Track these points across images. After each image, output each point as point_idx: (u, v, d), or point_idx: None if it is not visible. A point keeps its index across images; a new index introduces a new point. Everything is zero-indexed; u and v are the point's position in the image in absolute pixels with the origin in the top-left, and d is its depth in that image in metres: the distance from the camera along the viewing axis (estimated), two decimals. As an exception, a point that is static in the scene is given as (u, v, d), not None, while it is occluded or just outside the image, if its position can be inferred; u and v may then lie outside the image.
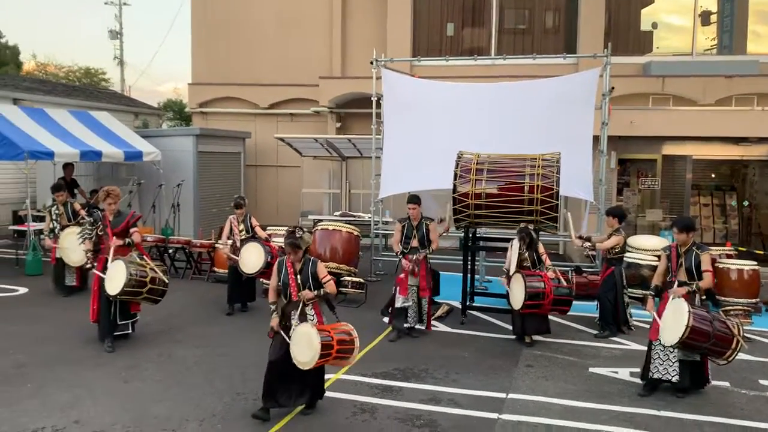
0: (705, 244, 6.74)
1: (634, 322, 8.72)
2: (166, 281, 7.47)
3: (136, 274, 7.11)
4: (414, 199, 8.29)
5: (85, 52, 63.68)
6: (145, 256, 7.61)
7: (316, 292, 5.53)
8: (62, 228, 9.87)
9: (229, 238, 9.31)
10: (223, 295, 9.35)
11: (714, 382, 6.49)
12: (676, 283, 6.36)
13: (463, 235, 9.18)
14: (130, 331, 7.66)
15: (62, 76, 34.94)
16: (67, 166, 13.11)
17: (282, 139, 15.42)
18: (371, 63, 11.97)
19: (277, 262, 5.76)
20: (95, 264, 7.54)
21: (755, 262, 9.69)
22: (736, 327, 6.09)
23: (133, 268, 7.12)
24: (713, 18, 16.59)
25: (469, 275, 9.26)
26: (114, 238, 7.36)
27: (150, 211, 14.32)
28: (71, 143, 12.62)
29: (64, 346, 7.41)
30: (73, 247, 9.40)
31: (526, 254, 8.00)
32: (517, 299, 7.73)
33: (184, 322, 8.59)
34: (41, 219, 11.98)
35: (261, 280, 9.37)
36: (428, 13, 17.50)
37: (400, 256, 8.23)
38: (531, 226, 8.18)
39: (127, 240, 7.43)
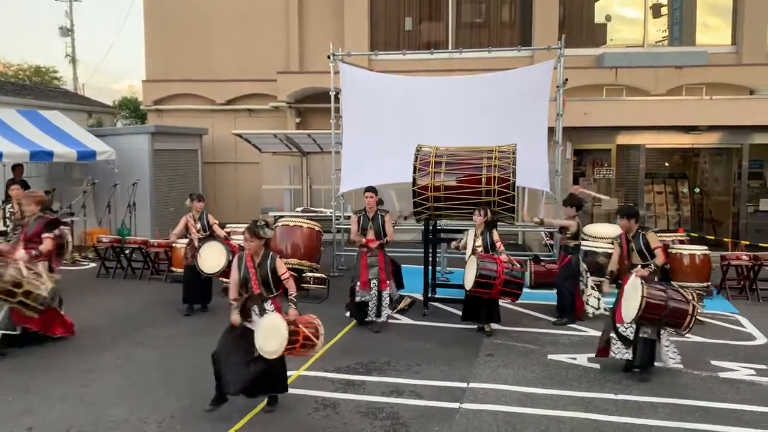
0: (648, 227, 6.99)
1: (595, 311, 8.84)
2: (41, 304, 6.98)
3: (9, 281, 6.69)
4: (371, 188, 8.35)
5: (35, 50, 61.54)
6: (53, 267, 7.33)
7: (293, 309, 5.49)
8: (15, 228, 9.54)
9: (184, 237, 9.11)
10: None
11: (668, 365, 6.64)
12: (638, 267, 6.54)
13: (423, 227, 9.23)
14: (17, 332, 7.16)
15: (11, 74, 33.80)
16: (17, 167, 12.71)
17: (240, 135, 15.23)
18: (328, 57, 11.90)
19: (236, 257, 5.70)
20: None
21: (706, 247, 10.02)
22: (689, 293, 6.41)
23: (12, 271, 6.72)
24: (664, 11, 17.00)
25: (430, 267, 9.32)
26: (21, 247, 6.97)
27: (105, 211, 14.00)
28: (20, 143, 12.24)
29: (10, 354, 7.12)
30: None
31: (480, 240, 8.07)
32: (469, 280, 7.82)
33: (142, 324, 8.43)
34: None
35: (221, 279, 9.24)
36: (386, 7, 17.44)
37: (361, 242, 8.20)
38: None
39: (33, 251, 7.08)
